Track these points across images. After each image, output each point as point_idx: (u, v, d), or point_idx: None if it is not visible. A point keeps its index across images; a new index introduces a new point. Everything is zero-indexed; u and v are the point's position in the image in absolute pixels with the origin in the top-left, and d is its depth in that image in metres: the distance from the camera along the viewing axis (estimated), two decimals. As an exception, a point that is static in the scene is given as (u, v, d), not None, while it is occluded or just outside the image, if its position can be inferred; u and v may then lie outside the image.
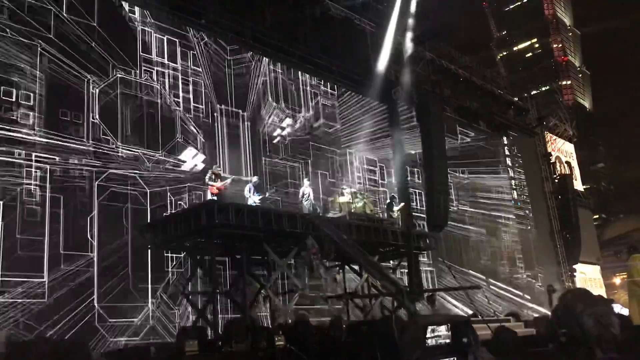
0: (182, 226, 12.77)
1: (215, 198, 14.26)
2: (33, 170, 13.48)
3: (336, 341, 11.05)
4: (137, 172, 15.55)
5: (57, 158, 13.93)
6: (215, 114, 18.11)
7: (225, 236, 13.23)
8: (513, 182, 33.67)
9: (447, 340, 5.72)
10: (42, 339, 10.11)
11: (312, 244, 11.69)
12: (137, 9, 16.94)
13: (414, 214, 23.53)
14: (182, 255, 15.44)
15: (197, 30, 18.59)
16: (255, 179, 15.69)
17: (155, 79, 16.75)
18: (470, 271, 26.85)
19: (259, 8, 20.58)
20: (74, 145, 14.37)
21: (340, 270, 18.01)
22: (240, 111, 18.95)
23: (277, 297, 15.16)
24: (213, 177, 14.70)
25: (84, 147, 14.58)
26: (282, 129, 20.31)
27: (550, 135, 38.94)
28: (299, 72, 21.90)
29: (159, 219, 14.53)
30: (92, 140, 14.75)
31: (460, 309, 22.84)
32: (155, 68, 16.89)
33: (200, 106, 17.82)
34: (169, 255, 15.44)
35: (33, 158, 13.54)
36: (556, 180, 37.16)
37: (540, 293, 29.39)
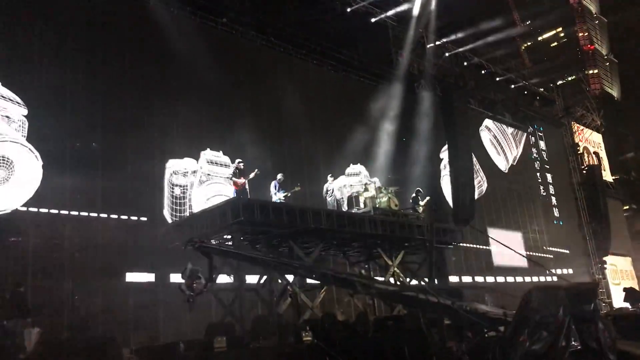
0: (208, 224, 12.88)
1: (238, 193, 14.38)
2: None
3: (363, 337, 11.06)
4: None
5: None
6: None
7: (250, 233, 13.31)
8: (538, 173, 33.24)
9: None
10: (75, 337, 10.31)
11: (192, 270, 10.77)
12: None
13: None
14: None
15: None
16: (280, 176, 15.73)
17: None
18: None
19: (280, 5, 20.62)
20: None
21: (366, 266, 18.03)
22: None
23: (303, 293, 15.19)
24: (237, 172, 14.77)
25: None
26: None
27: (578, 125, 38.28)
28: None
29: (186, 217, 14.69)
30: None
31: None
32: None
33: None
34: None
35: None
36: (584, 171, 36.54)
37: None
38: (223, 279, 15.20)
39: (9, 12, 13.84)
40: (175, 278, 15.23)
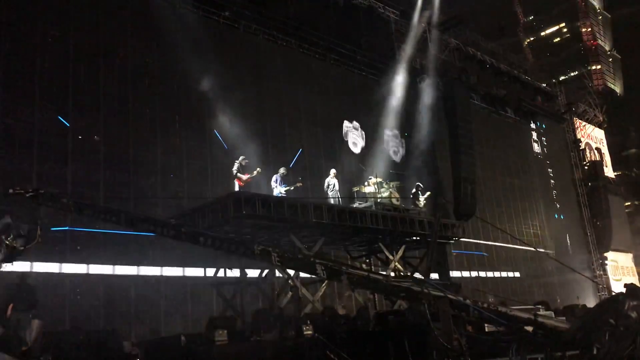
0: (210, 217, 12.89)
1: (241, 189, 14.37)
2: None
3: (364, 331, 11.08)
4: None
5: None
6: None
7: (252, 227, 13.30)
8: (539, 169, 33.22)
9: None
10: (77, 329, 10.33)
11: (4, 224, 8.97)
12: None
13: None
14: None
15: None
16: (282, 169, 15.71)
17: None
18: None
19: (283, -1, 20.59)
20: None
21: (367, 260, 18.05)
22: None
23: (304, 287, 15.24)
24: (240, 168, 14.73)
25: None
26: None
27: (580, 121, 38.23)
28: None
29: (188, 210, 14.69)
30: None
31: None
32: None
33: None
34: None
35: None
36: (586, 167, 36.52)
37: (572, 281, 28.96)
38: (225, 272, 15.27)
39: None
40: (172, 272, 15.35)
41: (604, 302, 5.37)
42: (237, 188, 14.74)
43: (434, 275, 18.98)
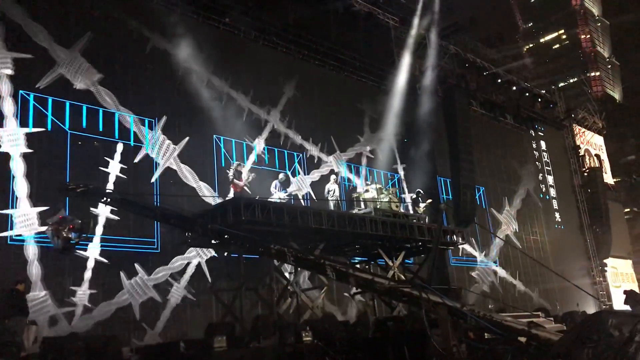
0: (209, 223, 12.88)
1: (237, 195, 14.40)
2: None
3: (363, 337, 11.07)
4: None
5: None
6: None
7: (251, 232, 13.29)
8: (539, 176, 33.23)
9: None
10: (75, 335, 10.31)
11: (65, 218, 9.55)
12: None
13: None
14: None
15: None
16: (281, 175, 15.73)
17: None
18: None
19: (282, 5, 20.61)
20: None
21: (367, 266, 18.04)
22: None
23: (304, 293, 15.22)
24: (237, 174, 14.74)
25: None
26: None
27: (579, 127, 38.28)
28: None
29: (188, 216, 14.71)
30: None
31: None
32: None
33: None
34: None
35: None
36: (585, 174, 36.56)
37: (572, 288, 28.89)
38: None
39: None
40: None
41: (588, 318, 5.36)
42: (232, 193, 14.77)
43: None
